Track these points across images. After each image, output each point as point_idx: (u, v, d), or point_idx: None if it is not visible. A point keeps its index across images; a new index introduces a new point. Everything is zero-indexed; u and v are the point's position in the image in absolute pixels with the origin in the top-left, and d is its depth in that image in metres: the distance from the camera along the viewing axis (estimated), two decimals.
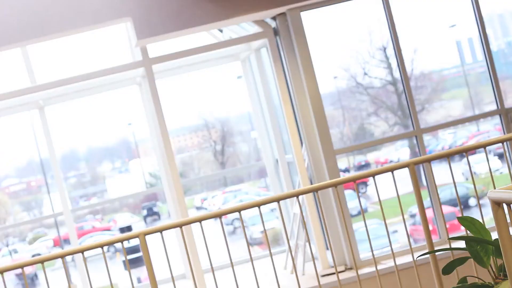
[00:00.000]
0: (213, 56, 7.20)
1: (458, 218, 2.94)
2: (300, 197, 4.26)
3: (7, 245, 15.71)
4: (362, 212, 4.35)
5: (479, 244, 2.83)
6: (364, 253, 6.25)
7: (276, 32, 6.37)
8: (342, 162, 15.94)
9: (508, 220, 2.22)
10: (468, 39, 15.94)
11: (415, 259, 3.93)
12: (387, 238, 4.41)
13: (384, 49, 12.77)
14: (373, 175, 4.36)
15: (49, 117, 7.26)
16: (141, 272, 12.21)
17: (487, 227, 2.97)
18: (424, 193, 7.13)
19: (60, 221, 13.41)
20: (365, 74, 13.84)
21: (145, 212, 17.15)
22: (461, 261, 2.86)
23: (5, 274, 4.00)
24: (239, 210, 4.09)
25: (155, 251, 4.40)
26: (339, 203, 4.25)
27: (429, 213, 7.60)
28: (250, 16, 6.13)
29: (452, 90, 17.09)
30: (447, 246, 4.54)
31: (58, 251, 5.23)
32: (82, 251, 4.02)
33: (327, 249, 6.34)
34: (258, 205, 4.11)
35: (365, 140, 14.58)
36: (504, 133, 6.45)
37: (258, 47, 6.91)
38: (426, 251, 2.98)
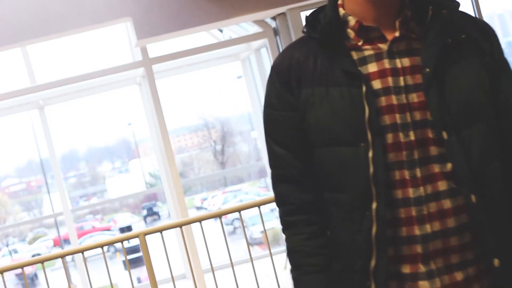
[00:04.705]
0: (213, 56, 7.20)
1: None
2: None
3: (7, 245, 15.70)
4: None
5: None
6: None
7: (276, 32, 6.37)
8: None
9: None
10: None
11: None
12: None
13: None
14: None
15: (49, 117, 7.26)
16: (141, 272, 12.19)
17: None
18: None
19: (60, 221, 13.41)
20: None
21: (145, 212, 17.13)
22: None
23: (5, 274, 4.00)
24: (239, 210, 4.08)
25: (155, 251, 4.40)
26: None
27: None
28: (250, 16, 6.12)
29: None
30: None
31: (58, 251, 5.23)
32: (82, 251, 4.02)
33: None
34: (258, 205, 4.11)
35: None
36: None
37: (258, 47, 6.91)
38: None
